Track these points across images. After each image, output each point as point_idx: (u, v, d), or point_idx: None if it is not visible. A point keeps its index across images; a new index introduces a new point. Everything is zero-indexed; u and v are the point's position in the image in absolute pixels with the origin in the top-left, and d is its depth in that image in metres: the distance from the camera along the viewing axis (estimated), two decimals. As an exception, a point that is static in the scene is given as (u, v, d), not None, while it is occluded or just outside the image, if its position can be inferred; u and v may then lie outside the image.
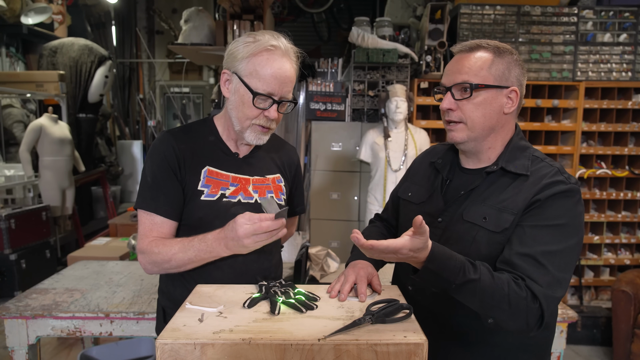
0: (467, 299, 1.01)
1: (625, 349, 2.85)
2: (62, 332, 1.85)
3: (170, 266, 1.22)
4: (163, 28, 7.72)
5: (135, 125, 8.20)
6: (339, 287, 1.13)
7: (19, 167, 4.52)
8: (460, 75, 1.12)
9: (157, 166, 1.25)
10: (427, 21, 3.48)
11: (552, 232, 1.03)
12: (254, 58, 1.19)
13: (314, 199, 3.77)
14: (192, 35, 3.46)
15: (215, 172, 1.28)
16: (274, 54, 1.19)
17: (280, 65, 1.20)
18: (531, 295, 0.99)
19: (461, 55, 1.15)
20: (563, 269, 1.03)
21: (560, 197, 1.05)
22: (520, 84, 1.14)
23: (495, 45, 1.13)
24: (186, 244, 1.19)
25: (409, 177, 1.37)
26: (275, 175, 1.38)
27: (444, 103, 1.15)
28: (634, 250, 3.64)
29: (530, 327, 1.01)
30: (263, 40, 1.19)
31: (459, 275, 0.97)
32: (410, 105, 3.17)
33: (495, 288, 0.98)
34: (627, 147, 3.53)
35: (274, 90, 1.20)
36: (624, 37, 3.45)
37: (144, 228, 1.25)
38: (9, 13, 4.96)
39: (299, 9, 5.59)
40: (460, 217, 1.13)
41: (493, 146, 1.16)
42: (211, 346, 0.88)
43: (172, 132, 1.30)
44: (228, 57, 1.24)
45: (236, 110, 1.24)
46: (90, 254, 3.23)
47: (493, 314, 1.00)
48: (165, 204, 1.24)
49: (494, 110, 1.12)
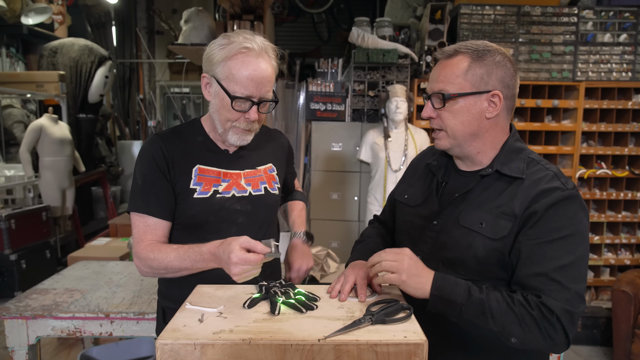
0: (479, 320, 1.01)
1: (626, 349, 2.85)
2: (62, 332, 1.85)
3: (166, 272, 1.23)
4: (163, 28, 7.72)
5: (136, 126, 8.20)
6: (339, 287, 1.13)
7: (19, 167, 4.52)
8: (437, 84, 1.11)
9: (147, 168, 1.26)
10: (427, 21, 3.48)
11: (560, 246, 1.02)
12: (229, 61, 1.19)
13: (314, 199, 3.77)
14: (192, 36, 3.46)
15: (205, 170, 1.29)
16: (249, 55, 1.19)
17: (255, 67, 1.19)
18: (547, 310, 0.98)
19: (440, 62, 1.13)
20: (577, 279, 1.02)
21: (561, 206, 1.03)
22: (505, 85, 1.09)
23: (475, 49, 1.09)
24: (182, 253, 1.19)
25: (406, 179, 1.36)
26: (266, 165, 1.40)
27: (424, 111, 1.15)
28: (634, 251, 3.63)
29: (556, 344, 0.99)
30: (236, 43, 1.19)
31: (464, 295, 1.00)
32: (410, 106, 3.17)
33: (504, 305, 0.99)
34: (627, 147, 3.53)
35: (251, 93, 1.20)
36: (624, 37, 3.45)
37: (138, 231, 1.26)
38: (9, 13, 4.96)
39: (299, 9, 5.59)
40: (456, 221, 1.12)
41: (482, 150, 1.14)
42: (211, 346, 0.88)
43: (160, 134, 1.31)
44: (206, 61, 1.24)
45: (217, 113, 1.25)
46: (91, 254, 3.23)
47: (510, 332, 0.99)
48: (156, 205, 1.25)
49: (473, 116, 1.09)
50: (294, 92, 3.94)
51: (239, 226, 1.30)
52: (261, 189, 1.35)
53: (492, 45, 1.11)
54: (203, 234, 1.27)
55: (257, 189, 1.34)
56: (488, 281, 1.09)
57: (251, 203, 1.32)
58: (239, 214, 1.30)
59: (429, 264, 1.15)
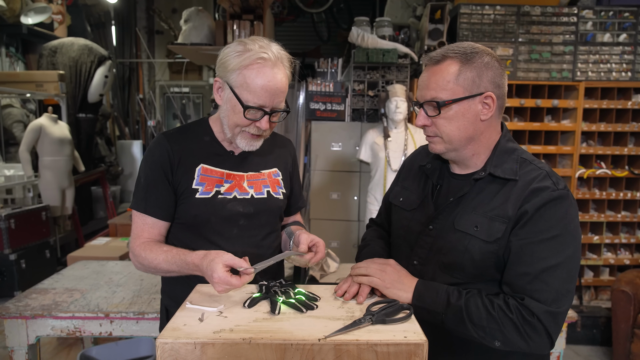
0: (459, 327, 1.04)
1: (625, 349, 2.85)
2: (62, 332, 1.85)
3: (156, 272, 1.27)
4: (163, 28, 7.72)
5: (135, 125, 8.20)
6: (345, 287, 1.14)
7: (19, 167, 4.52)
8: (428, 92, 1.10)
9: (150, 169, 1.28)
10: (427, 21, 3.48)
11: (548, 246, 1.02)
12: (244, 70, 1.18)
13: (313, 199, 3.77)
14: (191, 35, 3.47)
15: (209, 170, 1.30)
16: (265, 66, 1.18)
17: (271, 78, 1.18)
18: (528, 313, 1.00)
19: (429, 68, 1.12)
20: (566, 279, 1.02)
21: (551, 206, 1.03)
22: (496, 85, 1.08)
23: (463, 52, 1.08)
24: (170, 258, 1.21)
25: (400, 181, 1.36)
26: (271, 169, 1.39)
27: (418, 120, 1.14)
28: (634, 250, 3.64)
29: (538, 346, 1.01)
30: (254, 51, 1.18)
31: (443, 304, 1.05)
32: (410, 105, 3.17)
33: (484, 311, 1.02)
34: (627, 147, 3.53)
35: (265, 103, 1.20)
36: (624, 37, 3.45)
37: (136, 228, 1.30)
38: (8, 13, 4.96)
39: (298, 9, 5.59)
40: (451, 225, 1.12)
41: (477, 152, 1.14)
42: (211, 346, 0.88)
43: (167, 133, 1.32)
44: (220, 66, 1.24)
45: (228, 118, 1.25)
46: (90, 254, 3.23)
47: (492, 336, 1.02)
48: (155, 205, 1.27)
49: (469, 120, 1.09)
50: (294, 92, 3.95)
51: (240, 227, 1.31)
52: (264, 193, 1.34)
53: (478, 46, 1.10)
54: (205, 233, 1.28)
55: (260, 192, 1.34)
56: (485, 283, 1.10)
57: (253, 205, 1.32)
58: (241, 215, 1.30)
59: (425, 268, 1.16)
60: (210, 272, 1.07)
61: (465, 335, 1.05)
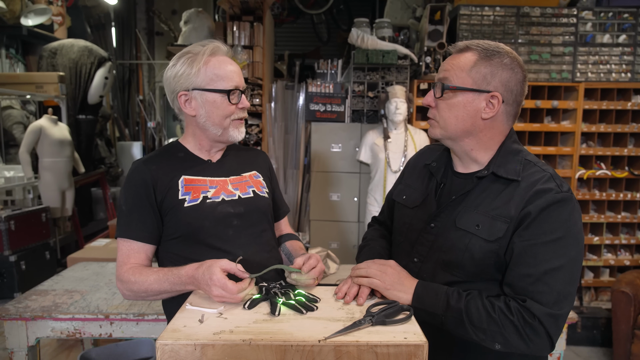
0: (459, 330, 1.04)
1: (625, 350, 2.85)
2: (62, 333, 1.85)
3: (146, 295, 1.24)
4: (163, 29, 7.72)
5: (135, 127, 8.20)
6: (345, 289, 1.14)
7: (19, 168, 4.52)
8: (442, 73, 1.13)
9: (130, 195, 1.29)
10: (427, 22, 3.48)
11: (551, 248, 1.02)
12: (207, 67, 1.27)
13: (313, 200, 3.77)
14: (191, 37, 3.47)
15: (191, 180, 1.32)
16: (219, 54, 1.30)
17: (231, 61, 1.31)
18: (529, 315, 0.99)
19: (452, 55, 1.15)
20: (568, 282, 1.02)
21: (554, 208, 1.03)
22: (508, 89, 1.08)
23: (485, 47, 1.09)
24: (161, 276, 1.20)
25: (404, 179, 1.36)
26: (251, 172, 1.43)
27: (425, 98, 1.17)
28: (634, 251, 3.64)
29: (539, 348, 1.01)
30: (202, 51, 1.28)
31: (443, 306, 1.05)
32: (409, 107, 3.17)
33: (484, 313, 1.02)
34: (627, 148, 3.53)
35: (238, 83, 1.30)
36: (623, 38, 3.46)
37: (122, 255, 1.28)
38: (8, 14, 4.96)
39: (298, 10, 5.59)
40: (453, 223, 1.12)
41: (476, 149, 1.14)
42: (211, 347, 0.88)
43: (142, 159, 1.35)
44: (175, 83, 1.29)
45: (211, 118, 1.29)
46: (90, 255, 3.23)
47: (492, 339, 1.02)
48: (139, 229, 1.27)
49: (468, 113, 1.09)
50: (294, 93, 3.95)
51: (234, 228, 1.31)
52: (250, 192, 1.37)
53: (504, 47, 1.11)
54: (203, 239, 1.28)
55: (246, 192, 1.36)
56: (484, 282, 1.09)
57: (242, 205, 1.33)
58: (233, 216, 1.31)
59: (426, 266, 1.15)
60: (209, 276, 1.07)
61: (465, 337, 1.05)
